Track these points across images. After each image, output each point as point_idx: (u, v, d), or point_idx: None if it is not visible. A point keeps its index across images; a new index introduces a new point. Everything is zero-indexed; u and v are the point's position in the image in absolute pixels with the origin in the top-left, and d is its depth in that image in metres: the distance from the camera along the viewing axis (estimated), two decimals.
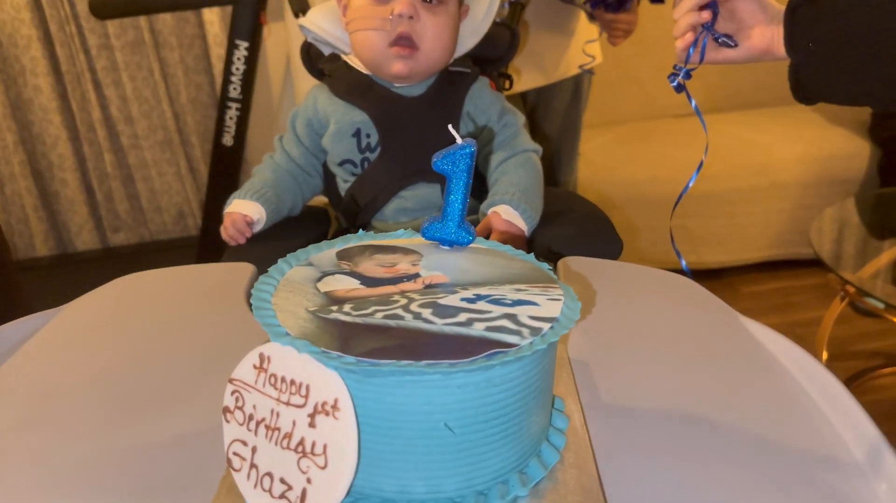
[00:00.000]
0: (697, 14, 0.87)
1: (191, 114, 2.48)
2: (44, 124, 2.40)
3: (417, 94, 0.93)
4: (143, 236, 2.63)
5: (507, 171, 0.91)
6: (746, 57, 0.89)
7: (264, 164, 0.99)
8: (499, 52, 1.06)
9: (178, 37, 2.39)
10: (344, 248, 0.54)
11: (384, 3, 0.87)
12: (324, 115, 0.94)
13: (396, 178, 0.92)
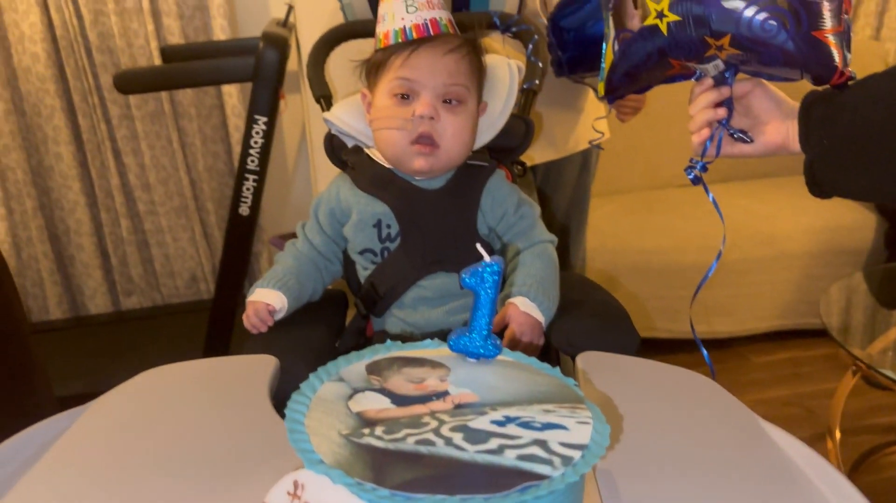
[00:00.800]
0: (713, 111, 0.90)
1: (207, 181, 2.53)
2: (63, 190, 2.46)
3: (437, 186, 0.96)
4: (155, 300, 2.65)
5: (524, 262, 0.94)
6: (762, 151, 0.92)
7: (287, 252, 1.01)
8: (514, 142, 1.09)
9: (198, 107, 2.46)
10: (373, 361, 0.56)
11: (407, 103, 0.91)
12: (346, 205, 0.98)
13: (416, 267, 0.95)
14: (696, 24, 0.81)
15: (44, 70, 2.30)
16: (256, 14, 2.47)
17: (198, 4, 2.39)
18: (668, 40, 0.84)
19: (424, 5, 0.92)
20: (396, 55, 0.92)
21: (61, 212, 2.49)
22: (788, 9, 0.76)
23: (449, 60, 0.92)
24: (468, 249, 0.97)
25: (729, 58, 0.84)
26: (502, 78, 1.04)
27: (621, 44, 0.88)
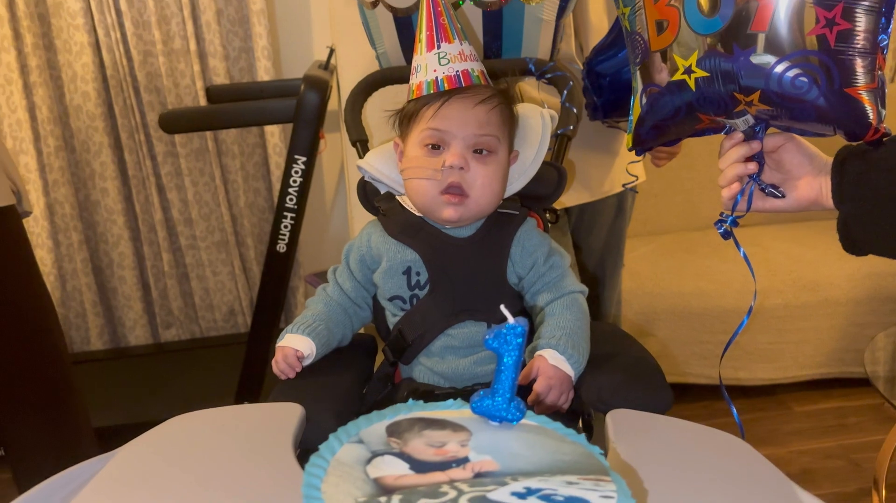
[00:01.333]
0: (744, 165, 0.88)
1: (248, 217, 2.58)
2: (108, 224, 2.52)
3: (467, 235, 0.96)
4: (193, 333, 2.69)
5: (554, 312, 0.93)
6: (794, 206, 0.89)
7: (317, 297, 1.02)
8: (547, 190, 1.09)
9: (241, 145, 2.51)
10: (394, 422, 0.55)
11: (437, 153, 0.92)
12: (377, 252, 0.98)
13: (444, 315, 0.94)
14: (725, 80, 0.80)
15: (94, 108, 2.38)
16: (300, 56, 2.53)
17: (243, 46, 2.46)
18: (697, 95, 0.83)
19: (457, 58, 0.94)
20: (428, 106, 0.93)
21: (105, 245, 2.55)
22: (819, 65, 0.75)
23: (479, 111, 0.92)
24: (497, 299, 0.96)
25: (759, 113, 0.83)
26: (534, 126, 1.04)
27: (649, 97, 0.88)
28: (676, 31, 0.83)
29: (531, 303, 0.97)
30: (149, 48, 2.38)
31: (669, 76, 0.85)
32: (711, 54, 0.80)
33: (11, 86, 2.31)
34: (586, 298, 1.00)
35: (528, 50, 1.39)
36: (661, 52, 0.86)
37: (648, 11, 0.86)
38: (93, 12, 2.30)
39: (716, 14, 0.79)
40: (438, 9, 0.95)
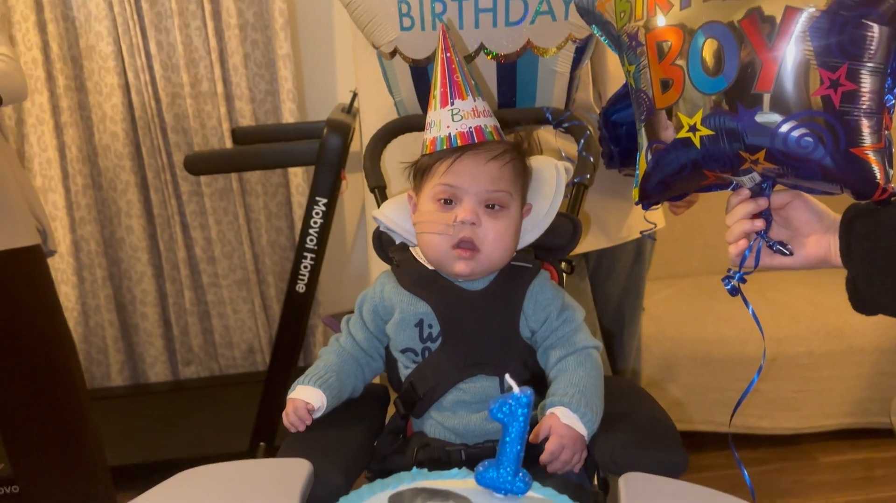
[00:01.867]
0: (751, 222, 0.88)
1: (269, 255, 2.60)
2: (132, 261, 2.56)
3: (479, 288, 0.96)
4: (212, 370, 2.70)
5: (567, 369, 0.92)
6: (803, 264, 0.89)
7: (330, 347, 1.02)
8: (561, 241, 1.09)
9: (264, 185, 2.55)
10: (397, 492, 0.55)
11: (449, 208, 0.93)
12: (390, 303, 0.99)
13: (456, 369, 0.94)
14: (730, 139, 0.80)
15: (122, 148, 2.44)
16: (324, 99, 2.58)
17: (269, 89, 2.51)
18: (702, 153, 0.83)
19: (470, 114, 0.95)
20: (441, 161, 0.94)
21: (129, 282, 2.59)
22: (825, 125, 0.75)
23: (491, 167, 0.93)
24: (510, 353, 0.96)
25: (765, 171, 0.83)
26: (549, 179, 1.04)
27: (654, 154, 0.88)
28: (681, 90, 0.83)
29: (544, 358, 0.96)
30: (177, 90, 2.43)
31: (675, 133, 0.85)
32: (716, 113, 0.81)
33: (43, 126, 2.37)
34: (603, 338, 0.99)
35: (542, 100, 1.40)
36: (666, 109, 0.86)
37: (653, 70, 0.87)
38: (123, 55, 2.36)
39: (720, 74, 0.80)
40: (452, 66, 0.96)
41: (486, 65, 1.34)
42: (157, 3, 2.36)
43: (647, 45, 0.87)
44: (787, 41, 0.75)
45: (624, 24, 0.91)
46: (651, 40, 0.86)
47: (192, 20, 2.39)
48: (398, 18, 1.33)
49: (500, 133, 0.98)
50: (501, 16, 1.29)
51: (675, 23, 0.84)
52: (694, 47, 0.82)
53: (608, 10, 0.94)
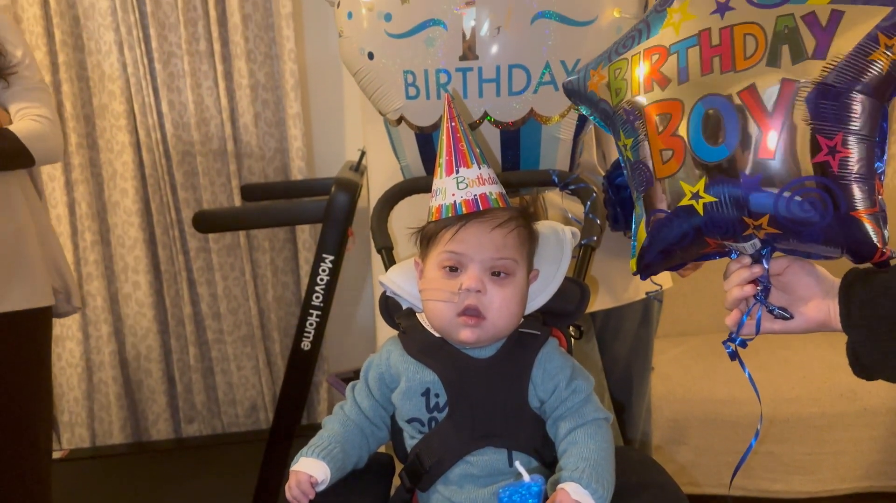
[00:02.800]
0: (747, 288, 0.88)
1: (275, 311, 2.59)
2: (138, 317, 2.55)
3: (487, 356, 0.95)
4: (215, 428, 2.67)
5: (577, 441, 0.90)
6: (803, 328, 0.90)
7: (335, 416, 1.01)
8: (569, 306, 1.08)
9: (271, 241, 2.56)
10: None
11: (455, 275, 0.92)
12: (395, 371, 0.97)
13: (463, 441, 0.92)
14: (734, 206, 0.82)
15: (131, 205, 2.46)
16: (333, 156, 2.61)
17: (279, 147, 2.54)
18: (705, 220, 0.85)
19: (475, 182, 0.95)
20: (447, 229, 0.94)
21: (134, 338, 2.58)
22: (825, 190, 0.78)
23: (496, 235, 0.93)
24: (519, 424, 0.94)
25: (767, 236, 0.84)
26: (555, 243, 1.04)
27: (655, 224, 0.89)
28: (682, 160, 0.85)
29: (553, 429, 0.94)
30: (187, 148, 2.47)
31: (676, 202, 0.86)
32: (719, 181, 0.82)
33: (54, 182, 2.40)
34: (612, 400, 0.97)
35: (546, 165, 1.41)
36: (668, 178, 0.87)
37: (652, 142, 0.89)
38: (136, 114, 2.40)
39: (721, 143, 0.82)
40: (458, 134, 0.97)
41: (489, 131, 1.35)
42: (169, 63, 2.41)
43: (646, 118, 0.89)
44: (785, 111, 0.79)
45: (620, 101, 0.94)
46: (650, 113, 0.89)
47: (204, 80, 2.44)
48: (404, 88, 1.36)
49: (506, 199, 0.98)
50: (505, 86, 1.31)
51: (674, 96, 0.87)
52: (694, 118, 0.84)
53: (601, 89, 0.97)
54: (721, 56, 0.83)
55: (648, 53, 0.91)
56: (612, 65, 0.96)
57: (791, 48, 0.79)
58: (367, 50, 1.38)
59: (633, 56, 0.93)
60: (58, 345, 2.52)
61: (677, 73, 0.87)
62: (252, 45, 2.44)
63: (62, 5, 2.32)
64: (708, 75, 0.84)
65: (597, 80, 0.98)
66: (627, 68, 0.93)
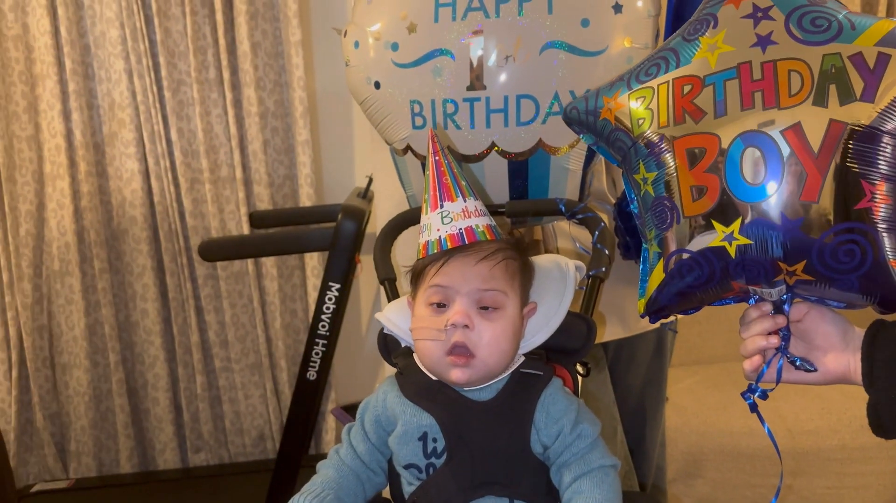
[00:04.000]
0: (767, 338, 0.85)
1: (283, 339, 2.57)
2: (145, 345, 2.54)
3: (487, 398, 0.91)
4: (222, 457, 2.64)
5: (581, 491, 0.86)
6: (822, 380, 0.86)
7: (330, 460, 0.97)
8: (575, 344, 1.04)
9: (280, 268, 2.54)
10: None
11: (442, 312, 0.89)
12: (392, 414, 0.94)
13: (462, 488, 0.88)
14: (770, 249, 0.78)
15: (139, 232, 2.45)
16: (341, 182, 2.59)
17: (287, 174, 2.53)
18: (736, 263, 0.81)
19: (459, 216, 0.92)
20: (432, 265, 0.91)
21: (142, 366, 2.56)
22: (867, 237, 0.75)
23: (482, 267, 0.90)
24: (521, 471, 0.90)
25: (797, 283, 0.80)
26: (557, 277, 1.01)
27: (677, 264, 0.85)
28: (716, 198, 0.81)
29: (557, 476, 0.90)
30: (196, 175, 2.46)
31: (705, 243, 0.81)
32: (757, 223, 0.78)
33: (63, 210, 2.40)
34: (625, 432, 0.93)
35: (554, 195, 1.38)
36: (697, 217, 0.83)
37: (682, 177, 0.84)
38: (145, 142, 2.40)
39: (761, 182, 0.78)
40: (441, 168, 0.95)
41: (497, 161, 1.33)
42: (179, 91, 2.41)
43: (676, 151, 0.84)
44: (832, 153, 0.76)
45: (643, 131, 0.88)
46: (680, 147, 0.84)
47: (214, 108, 2.44)
48: (410, 117, 1.34)
49: (495, 232, 0.95)
50: (513, 116, 1.29)
51: (709, 130, 0.82)
52: (732, 155, 0.80)
53: (618, 118, 0.91)
54: (763, 91, 0.80)
55: (679, 83, 0.86)
56: (634, 93, 0.91)
57: (839, 88, 0.76)
58: (373, 79, 1.37)
59: (660, 85, 0.88)
60: (65, 373, 2.51)
61: (713, 105, 0.82)
62: (262, 72, 2.44)
63: (73, 34, 2.33)
64: (749, 111, 0.80)
65: (613, 108, 0.92)
66: (653, 97, 0.88)
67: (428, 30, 1.29)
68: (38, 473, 2.54)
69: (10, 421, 2.44)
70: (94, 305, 2.49)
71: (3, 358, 2.43)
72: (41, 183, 2.42)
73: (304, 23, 2.45)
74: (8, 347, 2.43)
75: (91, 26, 2.38)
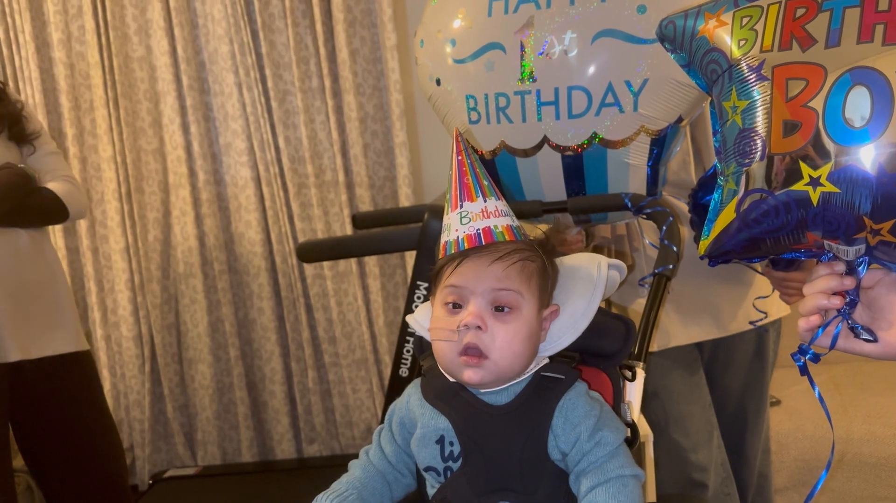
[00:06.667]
0: (828, 298, 0.76)
1: (386, 336, 2.64)
2: (262, 341, 2.70)
3: (504, 402, 0.89)
4: (334, 449, 2.75)
5: (597, 501, 0.82)
6: (881, 353, 0.77)
7: (359, 461, 0.99)
8: (612, 347, 1.00)
9: (382, 267, 2.61)
10: None
11: (457, 313, 0.88)
12: (413, 416, 0.94)
13: (476, 494, 0.87)
14: (858, 201, 0.70)
15: (254, 235, 2.61)
16: (440, 181, 2.62)
17: (387, 175, 2.60)
18: (817, 212, 0.72)
19: (478, 216, 0.90)
20: (448, 265, 0.90)
21: (259, 361, 2.72)
22: None
23: (497, 267, 0.88)
24: (537, 478, 0.88)
25: (878, 244, 0.71)
26: (587, 277, 0.97)
27: (752, 205, 0.76)
28: (810, 137, 0.72)
29: (576, 485, 0.87)
30: (303, 180, 2.58)
31: (787, 185, 0.74)
32: (849, 170, 0.70)
33: (185, 217, 2.60)
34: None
35: (614, 190, 1.32)
36: (784, 156, 0.75)
37: (776, 109, 0.75)
38: (255, 150, 2.55)
39: (864, 126, 0.70)
40: (464, 168, 0.93)
41: (551, 157, 1.30)
42: (284, 101, 2.54)
43: (774, 80, 0.77)
44: None
45: (744, 54, 0.80)
46: (780, 76, 0.76)
47: (317, 115, 2.55)
48: (466, 112, 1.34)
49: (515, 232, 0.92)
50: (564, 108, 1.26)
51: (816, 61, 0.74)
52: (837, 92, 0.72)
53: (717, 37, 0.83)
54: (887, 25, 0.70)
55: (793, 5, 0.77)
56: (740, 11, 0.81)
57: None
58: (435, 76, 1.39)
59: (771, 5, 0.79)
60: (191, 367, 2.71)
61: (826, 34, 0.73)
62: (361, 78, 2.52)
63: (189, 53, 2.51)
64: (865, 44, 0.71)
65: (713, 26, 0.83)
66: (761, 18, 0.79)
67: (482, 24, 1.29)
68: (170, 460, 2.77)
69: (144, 411, 2.68)
70: (215, 304, 2.67)
71: (138, 353, 2.67)
72: (166, 192, 2.63)
73: (400, 27, 2.51)
74: (141, 344, 2.67)
75: (205, 44, 2.56)
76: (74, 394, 1.60)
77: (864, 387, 2.13)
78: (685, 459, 1.53)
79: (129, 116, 2.56)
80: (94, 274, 2.63)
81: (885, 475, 1.90)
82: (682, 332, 1.57)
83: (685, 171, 1.60)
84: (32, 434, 1.59)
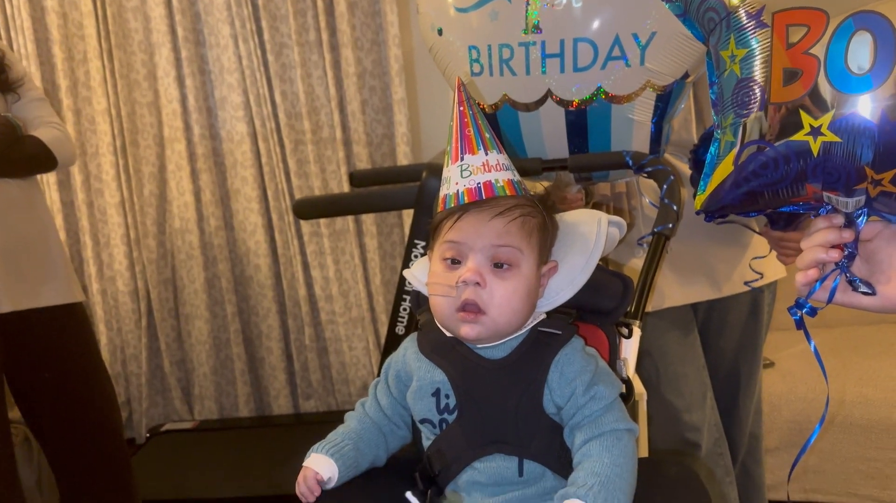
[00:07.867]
0: (826, 251, 0.76)
1: (383, 294, 2.64)
2: (259, 298, 2.70)
3: (500, 356, 0.89)
4: (330, 405, 2.78)
5: (590, 454, 0.82)
6: (880, 307, 0.76)
7: (355, 413, 0.99)
8: (610, 304, 0.99)
9: (379, 226, 2.60)
10: None
11: (455, 268, 0.87)
12: (409, 369, 0.94)
13: (471, 446, 0.87)
14: (860, 150, 0.68)
15: (250, 192, 2.59)
16: (439, 139, 2.59)
17: (385, 133, 2.57)
18: (817, 163, 0.70)
19: (479, 169, 0.89)
20: (447, 219, 0.89)
21: (256, 317, 2.72)
22: None
23: (497, 223, 0.86)
24: (532, 431, 0.88)
25: (879, 195, 0.70)
26: (587, 233, 0.96)
27: (751, 157, 0.75)
28: (811, 85, 0.71)
29: (570, 438, 0.87)
30: (300, 137, 2.55)
31: (787, 135, 0.72)
32: (851, 119, 0.68)
33: (181, 171, 2.58)
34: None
35: (618, 147, 1.31)
36: (783, 105, 0.73)
37: (776, 57, 0.73)
38: (251, 105, 2.52)
39: (867, 72, 0.68)
40: (465, 119, 0.90)
41: (554, 111, 1.28)
42: (281, 55, 2.50)
43: (774, 26, 0.74)
44: None
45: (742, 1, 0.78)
46: (780, 22, 0.74)
47: (314, 70, 2.51)
48: (469, 64, 1.32)
49: (516, 187, 0.91)
50: (569, 61, 1.23)
51: (818, 6, 0.72)
52: (839, 37, 0.70)
53: None
54: None
55: None
56: None
57: None
58: (437, 26, 1.36)
59: None
60: (188, 323, 2.72)
61: None
62: (359, 32, 2.47)
63: (184, 3, 2.47)
64: None
65: None
66: None
67: None
68: (167, 414, 2.79)
69: (141, 365, 2.69)
70: (211, 260, 2.67)
71: (134, 308, 2.68)
72: (161, 146, 2.60)
73: None
74: (137, 299, 2.67)
75: None
76: (67, 346, 1.59)
77: (858, 350, 2.14)
78: (679, 419, 1.54)
79: (124, 68, 2.52)
80: (89, 228, 2.62)
81: (874, 437, 1.92)
82: (678, 293, 1.56)
83: (686, 131, 1.57)
84: (27, 386, 1.59)
